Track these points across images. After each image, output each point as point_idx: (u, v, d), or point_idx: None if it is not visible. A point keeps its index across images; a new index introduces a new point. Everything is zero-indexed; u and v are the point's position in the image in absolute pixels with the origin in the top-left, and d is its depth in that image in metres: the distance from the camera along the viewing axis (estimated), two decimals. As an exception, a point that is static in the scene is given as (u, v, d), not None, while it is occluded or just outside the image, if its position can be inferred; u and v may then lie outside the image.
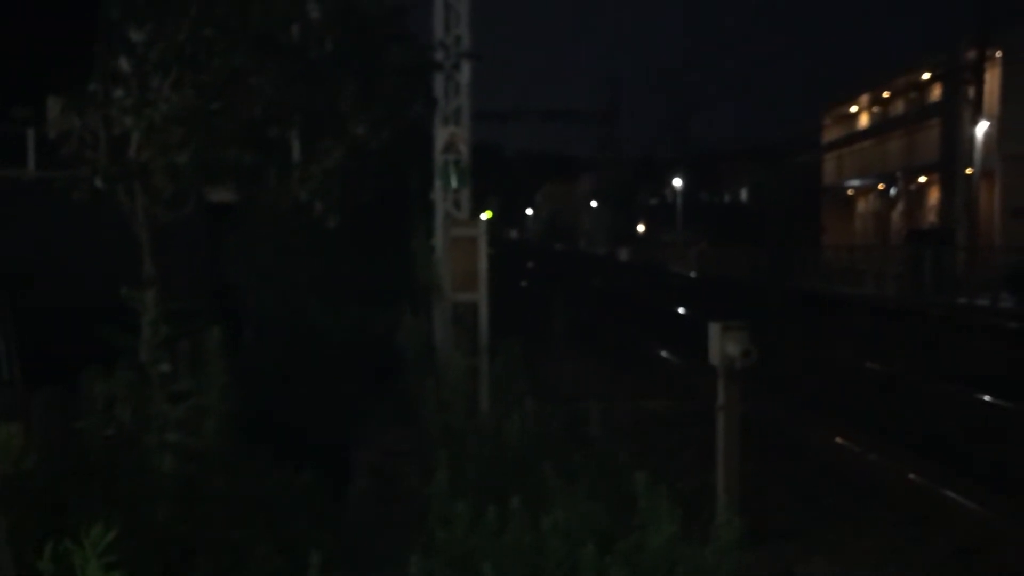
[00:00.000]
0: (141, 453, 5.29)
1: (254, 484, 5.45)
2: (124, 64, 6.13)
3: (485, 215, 12.68)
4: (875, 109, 51.74)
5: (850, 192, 53.70)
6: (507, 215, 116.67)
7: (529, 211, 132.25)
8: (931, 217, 42.29)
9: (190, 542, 4.91)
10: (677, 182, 73.33)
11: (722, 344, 6.45)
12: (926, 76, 43.13)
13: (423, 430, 7.87)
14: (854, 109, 53.84)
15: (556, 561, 4.71)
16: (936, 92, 42.38)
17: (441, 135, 12.07)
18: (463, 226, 11.35)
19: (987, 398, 14.14)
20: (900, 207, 46.52)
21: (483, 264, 10.88)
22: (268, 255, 11.25)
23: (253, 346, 9.50)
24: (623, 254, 78.49)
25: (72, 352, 5.78)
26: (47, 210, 8.39)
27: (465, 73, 12.05)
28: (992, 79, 35.69)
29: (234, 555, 4.88)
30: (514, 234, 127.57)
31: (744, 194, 78.08)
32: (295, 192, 7.21)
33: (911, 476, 9.69)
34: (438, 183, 12.23)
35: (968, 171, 34.48)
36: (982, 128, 33.86)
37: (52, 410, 5.17)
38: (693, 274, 55.51)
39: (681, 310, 30.84)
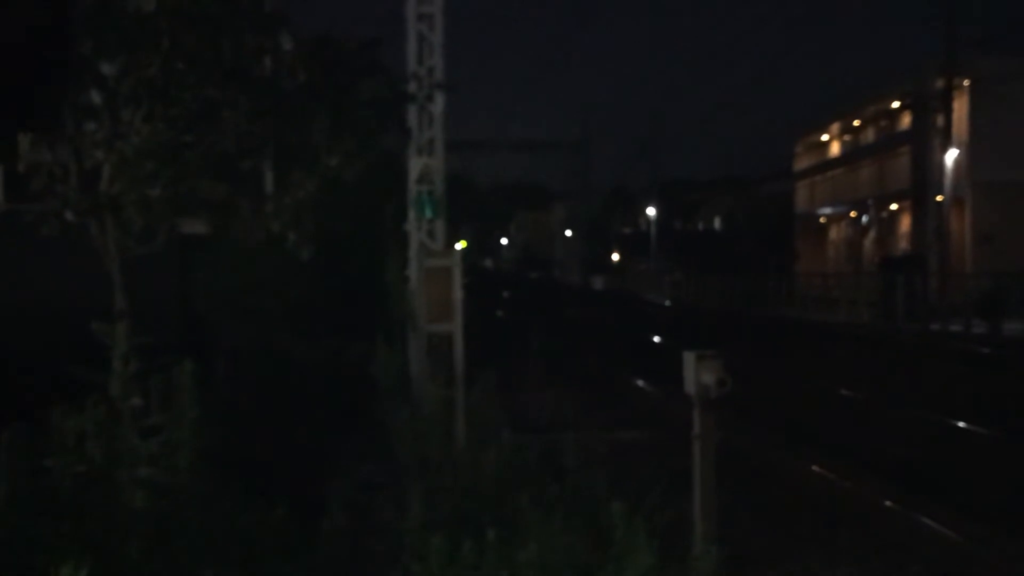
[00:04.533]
0: (112, 489, 5.23)
1: (227, 519, 5.39)
2: (95, 97, 6.10)
3: (460, 245, 12.67)
4: (846, 137, 52.21)
5: (823, 220, 54.08)
6: (482, 245, 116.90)
7: (504, 240, 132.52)
8: (903, 244, 42.62)
9: (162, 579, 4.85)
10: (651, 211, 73.64)
11: (697, 373, 6.45)
12: (896, 104, 43.58)
13: (398, 462, 7.82)
14: (825, 137, 54.32)
15: (533, 595, 4.67)
16: (906, 120, 42.81)
17: (415, 166, 12.08)
18: (438, 256, 11.34)
19: (962, 424, 14.20)
20: (872, 234, 46.86)
21: (458, 294, 10.87)
22: (241, 287, 11.19)
23: (226, 379, 9.42)
24: (598, 283, 78.66)
25: (41, 387, 5.71)
26: (16, 244, 8.33)
27: (439, 104, 12.08)
28: (960, 107, 36.08)
29: (207, 592, 4.82)
30: (489, 263, 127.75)
31: (718, 223, 78.52)
32: (268, 224, 7.18)
33: (887, 503, 9.71)
34: (412, 214, 12.23)
35: (938, 198, 34.80)
36: (951, 156, 34.22)
37: (21, 447, 5.10)
38: (667, 303, 55.67)
39: (656, 339, 30.89)
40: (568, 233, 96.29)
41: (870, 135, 48.86)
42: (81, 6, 5.82)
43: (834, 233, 53.56)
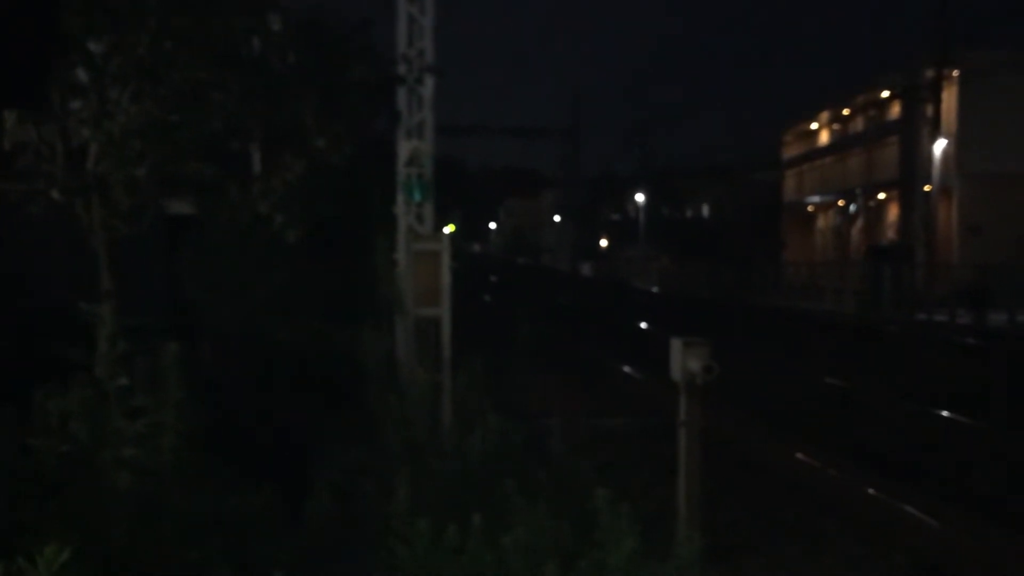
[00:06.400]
0: (97, 470, 5.21)
1: (212, 502, 5.38)
2: (82, 75, 6.06)
3: (448, 229, 12.64)
4: (835, 126, 52.24)
5: (810, 208, 54.15)
6: (470, 229, 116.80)
7: (492, 225, 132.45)
8: (890, 233, 42.69)
9: (147, 561, 4.84)
10: (639, 198, 73.62)
11: (684, 360, 6.45)
12: (885, 94, 43.60)
13: (384, 446, 7.81)
14: (814, 126, 54.35)
15: (518, 579, 4.68)
16: (895, 110, 42.85)
17: (404, 149, 12.04)
18: (426, 240, 11.31)
19: (945, 414, 14.26)
20: (859, 223, 46.94)
21: (446, 279, 10.84)
22: (227, 269, 11.14)
23: (212, 362, 9.39)
24: (586, 269, 78.67)
25: (26, 367, 5.68)
26: (1, 222, 8.28)
27: (428, 87, 12.03)
28: (949, 98, 36.13)
29: (193, 574, 4.81)
30: (477, 248, 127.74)
31: (706, 210, 78.57)
32: (255, 206, 7.15)
33: (870, 491, 9.75)
34: (401, 197, 12.19)
35: (926, 188, 34.87)
36: (940, 146, 34.27)
37: (5, 427, 5.07)
38: (655, 289, 55.74)
39: (643, 325, 30.93)
40: (557, 219, 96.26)
41: (859, 125, 48.90)
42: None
43: (822, 222, 53.64)
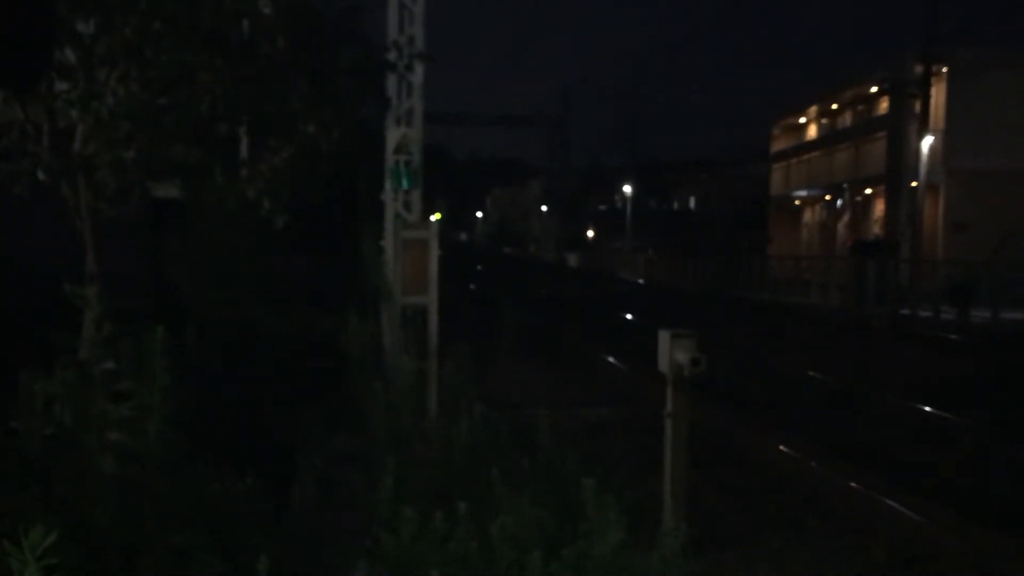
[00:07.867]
0: (82, 454, 5.18)
1: (197, 487, 5.36)
2: (70, 56, 6.02)
3: (434, 218, 12.62)
4: (823, 121, 52.35)
5: (797, 202, 54.27)
6: (456, 218, 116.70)
7: (479, 214, 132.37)
8: (876, 229, 42.83)
9: (131, 545, 4.82)
10: (627, 189, 73.66)
11: (671, 352, 6.45)
12: (873, 89, 43.69)
13: (370, 434, 7.80)
14: (802, 120, 54.44)
15: (503, 568, 4.68)
16: (883, 105, 42.95)
17: (393, 136, 12.02)
18: (413, 228, 11.29)
19: (927, 408, 14.31)
20: (846, 218, 47.07)
21: (433, 267, 10.82)
22: (213, 253, 11.09)
23: (196, 346, 9.35)
24: (572, 259, 78.75)
25: (10, 349, 5.65)
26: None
27: (418, 74, 12.00)
28: (938, 94, 36.24)
29: (176, 559, 4.80)
30: (463, 237, 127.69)
31: (693, 202, 78.66)
32: (242, 190, 7.12)
33: (852, 485, 9.77)
34: (389, 184, 12.17)
35: (913, 184, 34.97)
36: (927, 142, 34.36)
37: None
38: (641, 281, 55.79)
39: (629, 316, 30.96)
40: (544, 209, 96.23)
41: (847, 119, 49.00)
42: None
43: (808, 216, 53.76)
